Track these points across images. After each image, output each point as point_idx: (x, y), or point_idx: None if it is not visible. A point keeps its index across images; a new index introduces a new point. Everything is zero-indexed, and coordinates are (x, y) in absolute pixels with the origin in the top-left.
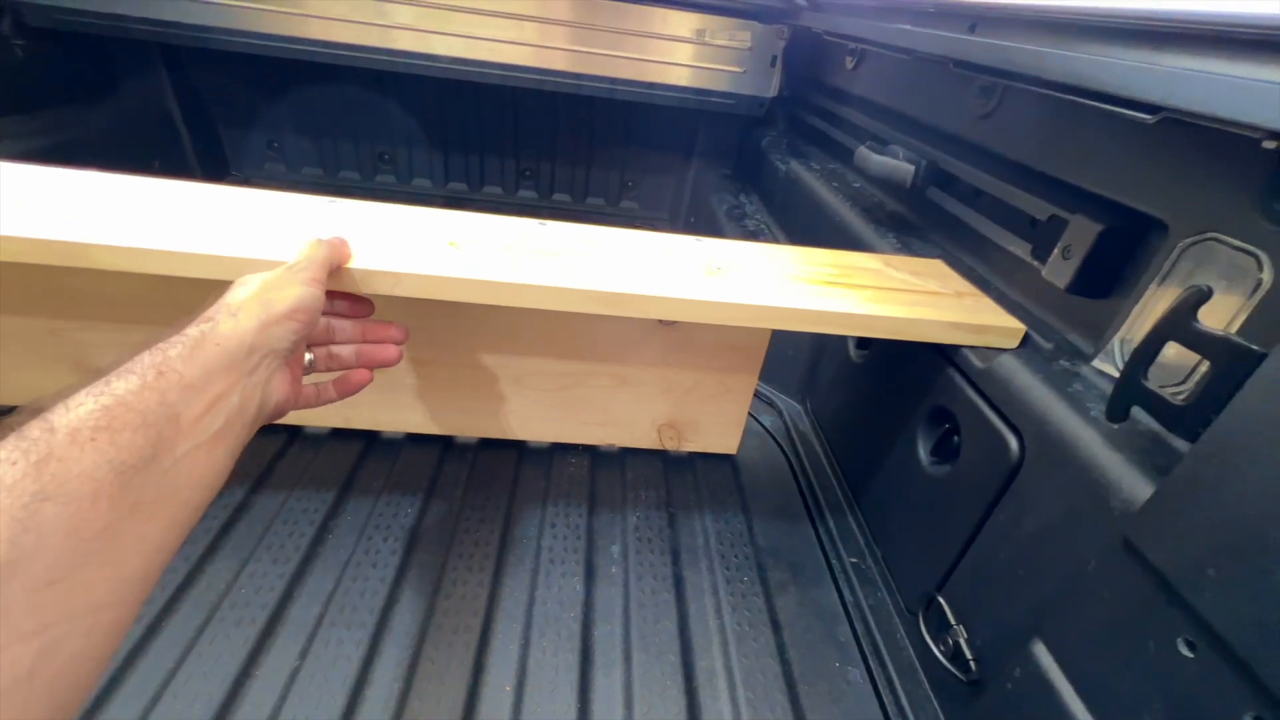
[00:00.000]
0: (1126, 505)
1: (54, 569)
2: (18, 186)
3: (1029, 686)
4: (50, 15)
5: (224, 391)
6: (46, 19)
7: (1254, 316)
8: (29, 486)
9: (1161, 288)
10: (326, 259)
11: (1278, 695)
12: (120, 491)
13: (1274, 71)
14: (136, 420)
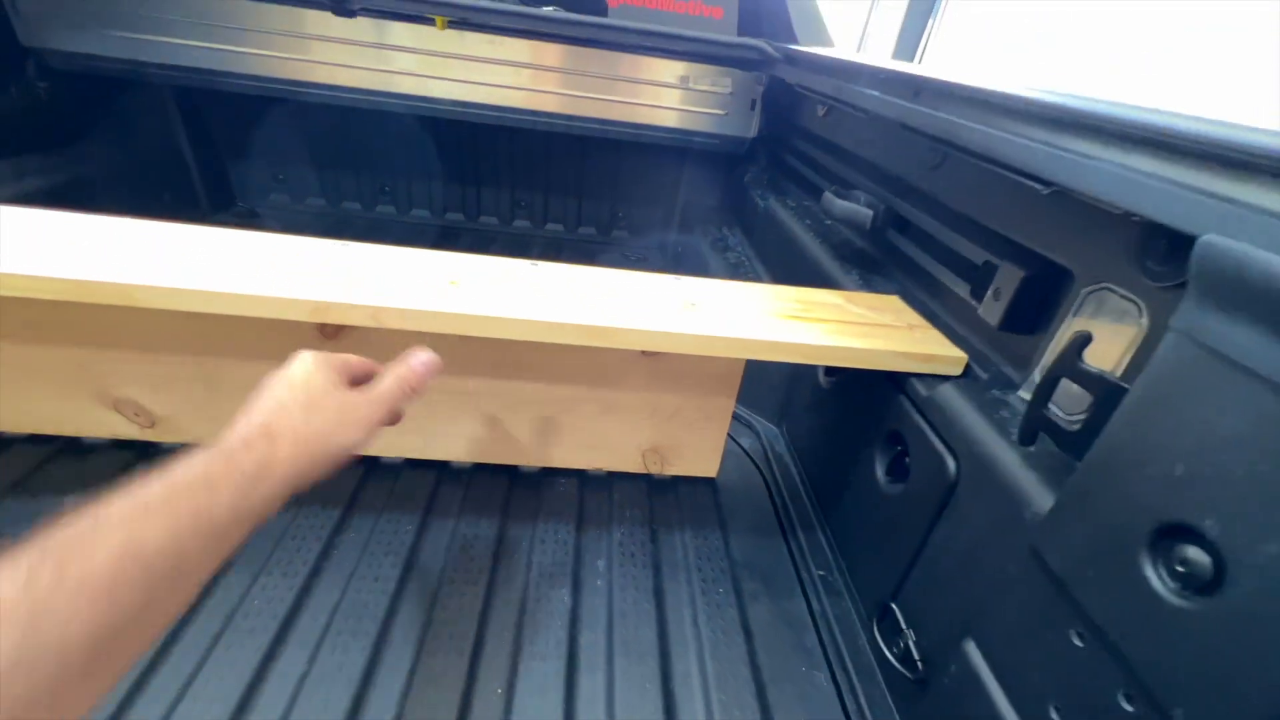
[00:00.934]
0: (1034, 517)
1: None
2: (58, 230)
3: (962, 681)
4: (71, 60)
5: (239, 537)
6: (68, 63)
7: (1135, 355)
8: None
9: (1072, 327)
10: (395, 398)
11: (1143, 676)
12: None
13: (1138, 161)
14: (140, 579)
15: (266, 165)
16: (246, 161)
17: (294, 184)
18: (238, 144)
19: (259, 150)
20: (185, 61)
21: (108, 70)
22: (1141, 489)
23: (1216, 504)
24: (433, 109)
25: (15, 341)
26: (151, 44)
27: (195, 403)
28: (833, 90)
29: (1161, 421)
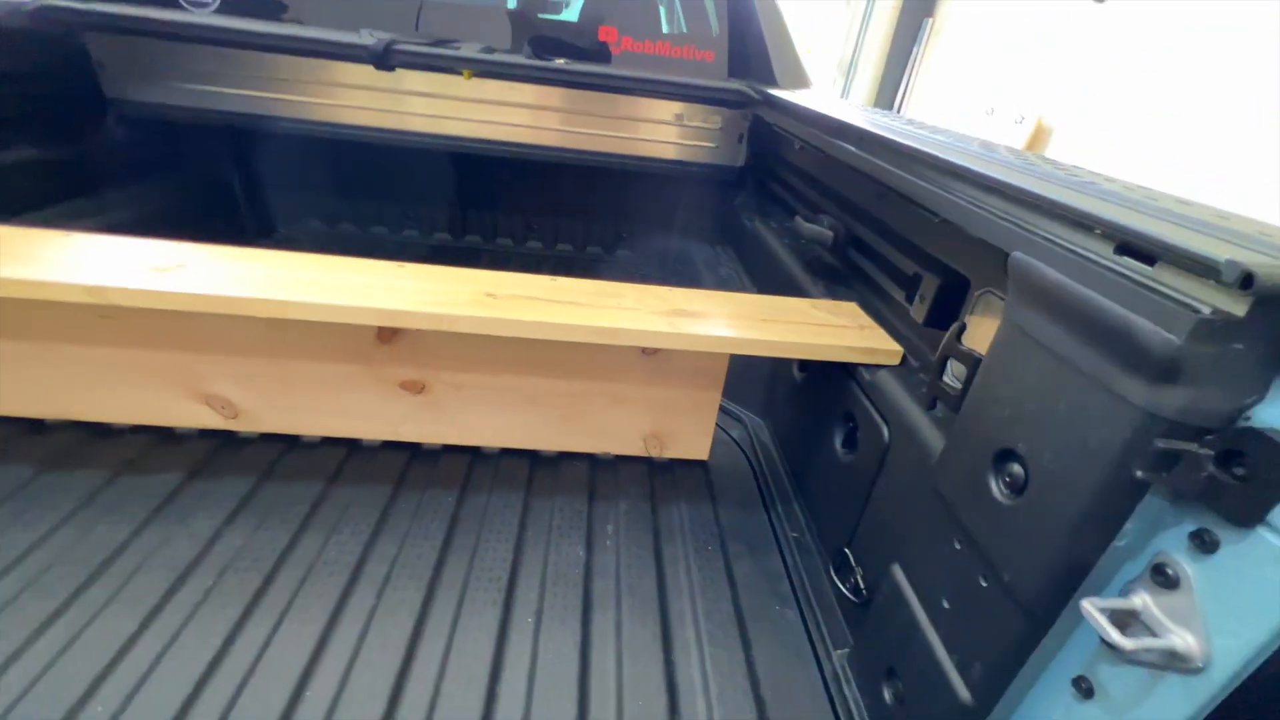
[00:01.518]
0: (933, 458)
1: None
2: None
3: (891, 595)
4: (144, 108)
5: None
6: (140, 111)
7: (997, 341)
8: None
9: (973, 321)
10: None
11: (989, 558)
12: None
13: (980, 198)
14: None
15: (304, 196)
16: (286, 193)
17: (328, 212)
18: (279, 177)
19: (298, 183)
20: (237, 108)
21: (172, 116)
22: (987, 428)
23: (1025, 433)
24: (456, 145)
25: (127, 347)
26: (210, 93)
27: (271, 397)
28: (800, 131)
29: (997, 381)
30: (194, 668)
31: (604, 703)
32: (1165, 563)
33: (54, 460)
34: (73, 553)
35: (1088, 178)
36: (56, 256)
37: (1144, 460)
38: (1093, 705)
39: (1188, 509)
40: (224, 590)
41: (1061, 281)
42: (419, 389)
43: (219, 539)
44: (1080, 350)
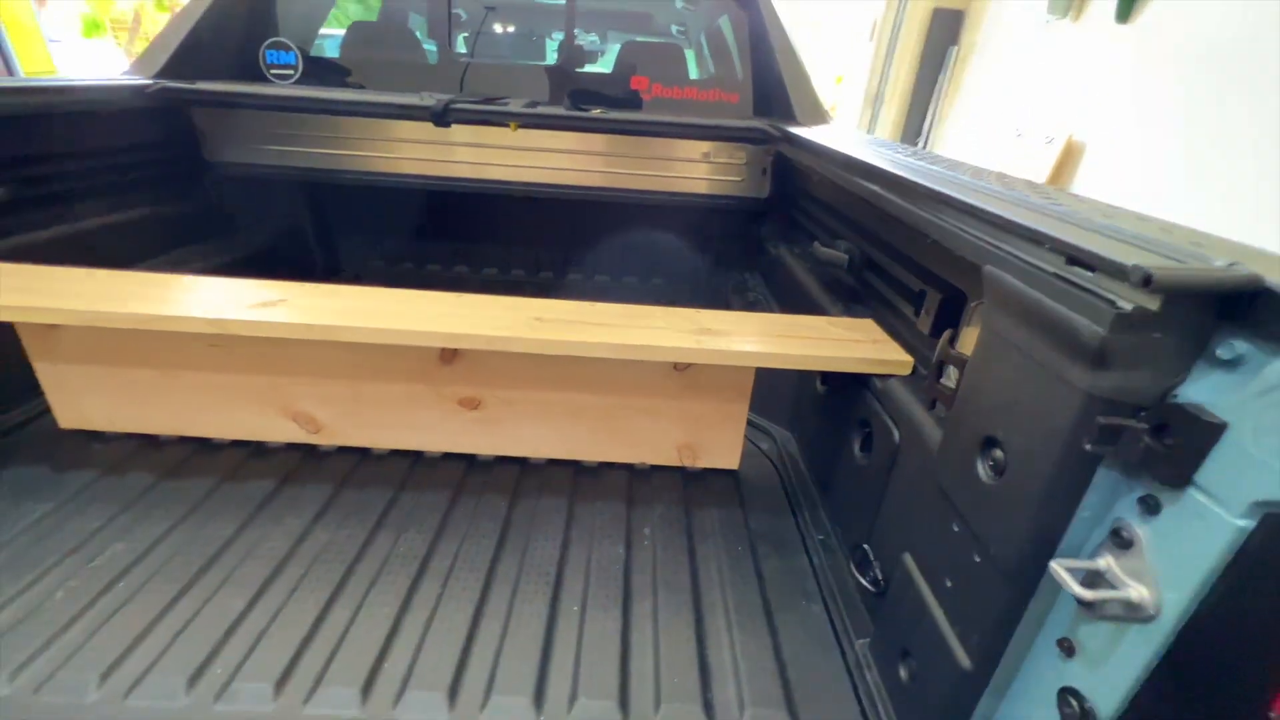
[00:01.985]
0: (934, 453)
1: None
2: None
3: (903, 582)
4: (235, 168)
5: None
6: (234, 171)
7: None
8: None
9: (966, 330)
10: None
11: (979, 535)
12: None
13: (960, 221)
14: None
15: (366, 238)
16: (351, 236)
17: (388, 252)
18: (345, 223)
19: (361, 227)
20: (310, 164)
21: (258, 174)
22: (974, 419)
23: (1002, 420)
24: (503, 189)
25: (230, 372)
26: (289, 153)
27: (348, 413)
28: (816, 165)
29: (980, 378)
30: (293, 639)
31: (643, 678)
32: (1121, 527)
33: (169, 470)
34: (190, 546)
35: (1061, 200)
36: (179, 296)
37: (1091, 435)
38: (1075, 662)
39: (1135, 478)
40: (314, 578)
41: (1023, 289)
42: (475, 405)
43: (307, 536)
44: (1038, 345)
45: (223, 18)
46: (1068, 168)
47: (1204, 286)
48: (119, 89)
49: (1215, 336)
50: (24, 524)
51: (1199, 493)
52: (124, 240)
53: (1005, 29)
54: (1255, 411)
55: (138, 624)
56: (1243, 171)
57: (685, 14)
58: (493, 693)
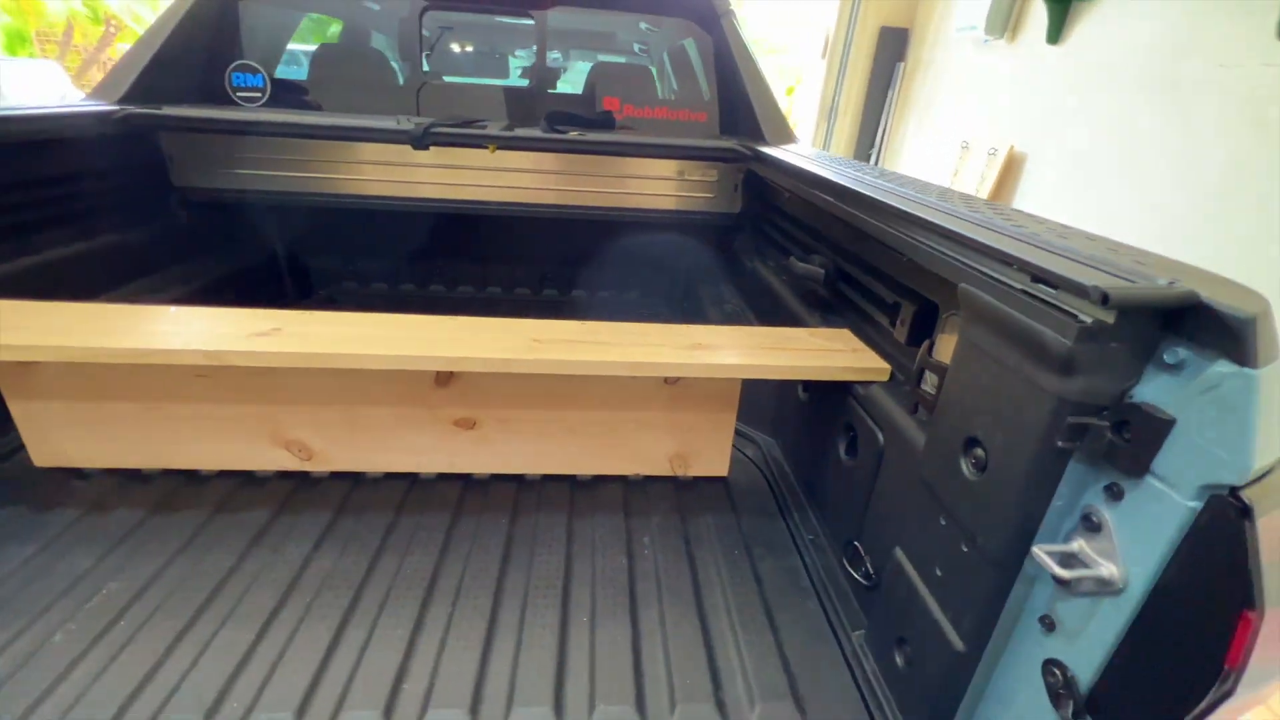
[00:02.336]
0: (919, 453)
1: None
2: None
3: (895, 574)
4: (200, 193)
5: None
6: (204, 196)
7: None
8: None
9: (941, 339)
10: None
11: (965, 526)
12: None
13: (936, 242)
14: None
15: (339, 261)
16: (322, 259)
17: (361, 273)
18: (316, 245)
19: (333, 249)
20: (282, 187)
21: (226, 199)
22: (956, 421)
23: (983, 422)
24: (478, 209)
25: (219, 402)
26: (258, 176)
27: (341, 439)
28: (788, 184)
29: (959, 384)
30: (308, 667)
31: (656, 682)
32: (1091, 512)
33: (158, 503)
34: (190, 580)
35: (1021, 221)
36: (166, 329)
37: (1062, 433)
38: (1055, 636)
39: (1101, 469)
40: (322, 604)
41: (996, 305)
42: (470, 425)
43: (310, 564)
44: (1012, 355)
45: (187, 41)
46: (1011, 176)
47: (1151, 302)
48: (84, 115)
49: (1161, 344)
50: (10, 567)
51: (1155, 479)
52: (91, 269)
53: (947, 47)
54: (1198, 408)
55: (145, 663)
56: (1161, 178)
57: (648, 34)
58: (514, 705)
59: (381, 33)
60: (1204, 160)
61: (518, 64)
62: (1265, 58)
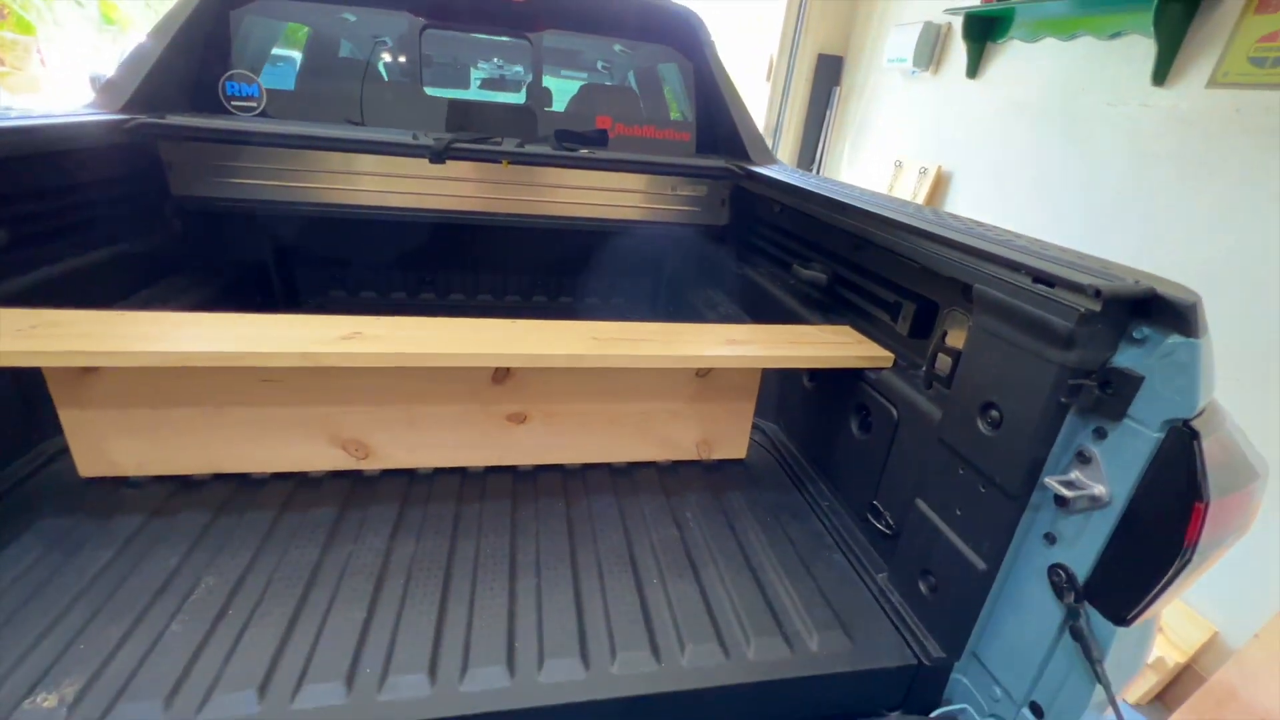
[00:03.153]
0: (935, 421)
1: None
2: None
3: (919, 522)
4: (198, 202)
5: None
6: (196, 205)
7: (967, 337)
8: None
9: (940, 331)
10: None
11: (984, 473)
12: None
13: (949, 253)
14: None
15: (328, 268)
16: (312, 267)
17: (350, 282)
18: (306, 254)
19: (322, 257)
20: (277, 197)
21: (220, 208)
22: (972, 390)
23: (996, 389)
24: (475, 220)
25: (282, 405)
26: (251, 186)
27: (400, 436)
28: (781, 198)
29: (975, 362)
30: (426, 635)
31: (728, 624)
32: (1084, 449)
33: (220, 506)
34: (282, 570)
35: (1008, 235)
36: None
37: (1063, 391)
38: (1056, 547)
39: (1090, 417)
40: (418, 584)
41: (1006, 299)
42: (522, 419)
43: (393, 551)
44: (1020, 336)
45: (182, 50)
46: (940, 191)
47: (1126, 295)
48: (97, 125)
49: (1131, 325)
50: (93, 571)
51: (1131, 421)
52: (104, 279)
53: (879, 75)
54: (1159, 368)
55: (271, 642)
56: (1065, 195)
57: (619, 55)
58: (617, 650)
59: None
60: (1099, 182)
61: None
62: (1143, 99)
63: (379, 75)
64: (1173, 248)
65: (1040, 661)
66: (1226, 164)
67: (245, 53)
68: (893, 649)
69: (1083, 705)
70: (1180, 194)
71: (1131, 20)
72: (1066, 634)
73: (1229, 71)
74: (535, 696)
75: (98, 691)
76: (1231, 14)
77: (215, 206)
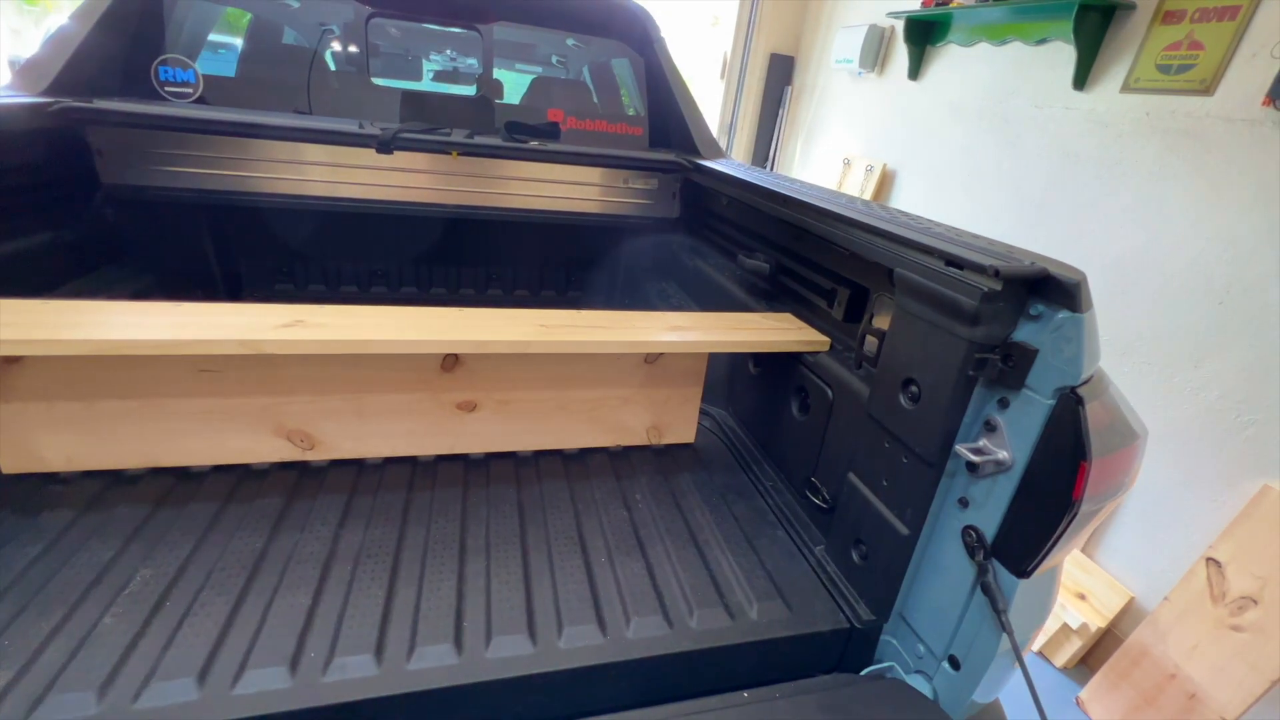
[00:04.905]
0: (865, 398)
1: None
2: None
3: (850, 495)
4: (130, 190)
5: None
6: (128, 194)
7: (891, 320)
8: None
9: (873, 314)
10: None
11: (907, 444)
12: None
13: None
14: None
15: (273, 260)
16: (256, 258)
17: (297, 274)
18: (249, 245)
19: (267, 249)
20: (215, 185)
21: (157, 195)
22: (895, 368)
23: (915, 366)
24: (424, 211)
25: (222, 396)
26: (189, 174)
27: (347, 427)
28: (728, 191)
29: (896, 342)
30: (373, 618)
31: (674, 597)
32: (990, 419)
33: (159, 499)
34: (225, 560)
35: (927, 223)
36: (178, 321)
37: (971, 365)
38: (969, 510)
39: (994, 389)
40: (366, 570)
41: (922, 282)
42: (472, 408)
43: (340, 539)
44: (935, 315)
45: (110, 31)
46: (885, 188)
47: (1023, 275)
48: (17, 108)
49: (1028, 303)
50: (19, 567)
51: (1028, 390)
52: (28, 270)
53: (828, 76)
54: (1051, 341)
55: (211, 631)
56: (997, 192)
57: (573, 49)
58: (563, 625)
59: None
60: (1029, 179)
61: (431, 67)
62: (1066, 103)
63: (326, 64)
64: (1093, 242)
65: (956, 617)
66: (1139, 164)
67: (180, 37)
68: (827, 614)
69: (991, 654)
70: (1099, 192)
71: (1055, 28)
72: (978, 591)
73: (1140, 77)
74: (482, 671)
75: (26, 685)
76: (1142, 24)
77: (149, 195)
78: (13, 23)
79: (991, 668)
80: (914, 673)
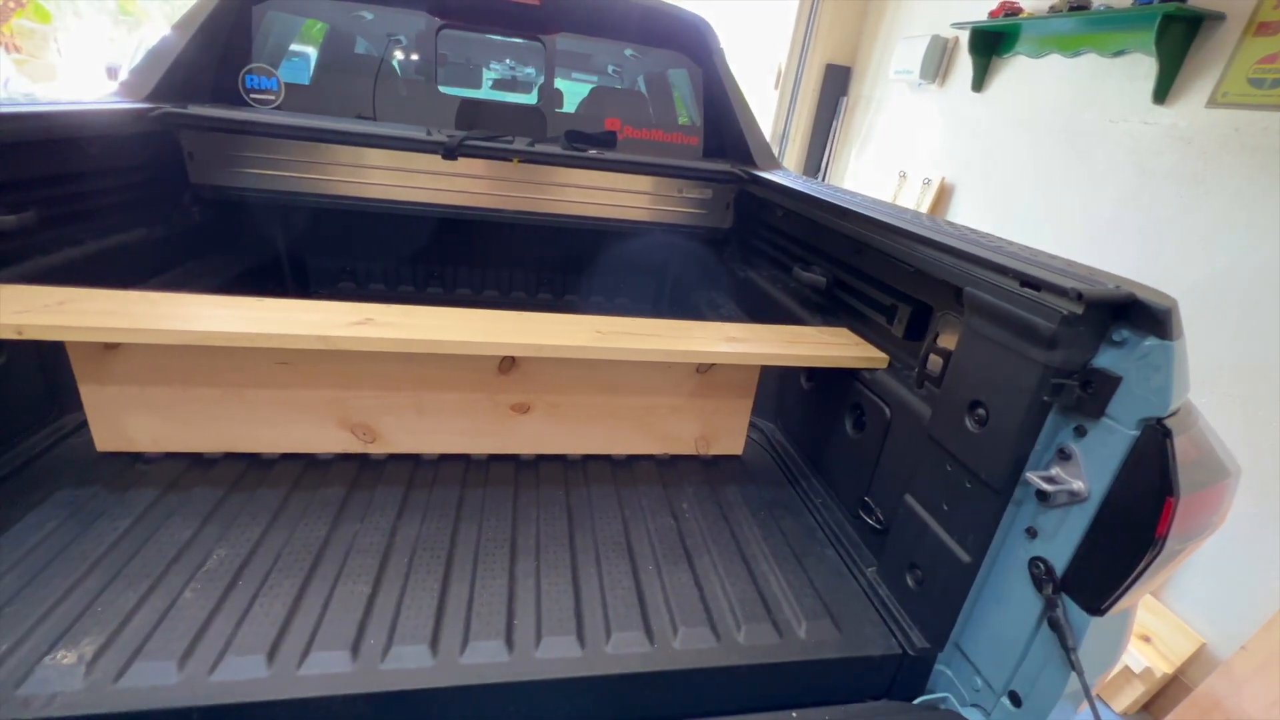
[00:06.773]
0: (927, 419)
1: None
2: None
3: (907, 517)
4: (215, 190)
5: None
6: (213, 194)
7: (958, 339)
8: None
9: (934, 333)
10: None
11: (971, 469)
12: None
13: (943, 258)
14: None
15: (338, 259)
16: (323, 258)
17: (359, 273)
18: (317, 244)
19: (333, 248)
20: (292, 188)
21: (237, 197)
22: (961, 390)
23: (984, 388)
24: (485, 216)
25: (295, 388)
26: (267, 176)
27: (407, 422)
28: (785, 203)
29: (965, 362)
30: (428, 610)
31: (721, 610)
32: (1064, 446)
33: (232, 484)
34: (290, 546)
35: (999, 242)
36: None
37: (1046, 390)
38: (1037, 541)
39: (1071, 416)
40: (421, 562)
41: (994, 302)
42: (525, 410)
43: (398, 531)
44: (1007, 338)
45: (204, 42)
46: (942, 204)
47: (1107, 299)
48: (123, 113)
49: (1111, 328)
50: (110, 540)
51: (1109, 419)
52: (124, 262)
53: (886, 87)
54: (1135, 370)
55: (279, 612)
56: (1066, 209)
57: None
58: (612, 630)
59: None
60: (1099, 196)
61: (490, 75)
62: (1144, 117)
63: (393, 72)
64: (1170, 263)
65: (1019, 652)
66: (1225, 183)
67: (265, 47)
68: (879, 639)
69: (1058, 693)
70: (1178, 210)
71: (1134, 39)
72: (1045, 625)
73: (1228, 92)
74: (532, 670)
75: (115, 651)
76: (1232, 36)
77: (231, 195)
78: (109, 32)
79: (1055, 708)
80: (970, 705)
